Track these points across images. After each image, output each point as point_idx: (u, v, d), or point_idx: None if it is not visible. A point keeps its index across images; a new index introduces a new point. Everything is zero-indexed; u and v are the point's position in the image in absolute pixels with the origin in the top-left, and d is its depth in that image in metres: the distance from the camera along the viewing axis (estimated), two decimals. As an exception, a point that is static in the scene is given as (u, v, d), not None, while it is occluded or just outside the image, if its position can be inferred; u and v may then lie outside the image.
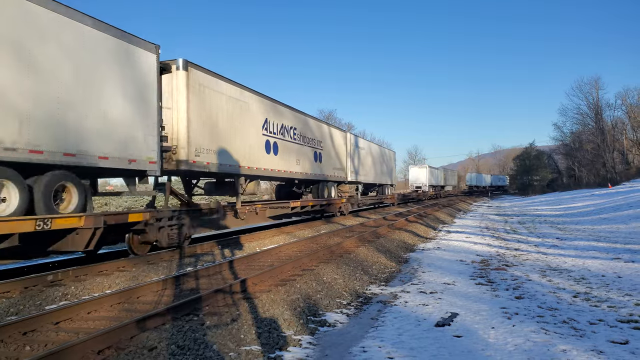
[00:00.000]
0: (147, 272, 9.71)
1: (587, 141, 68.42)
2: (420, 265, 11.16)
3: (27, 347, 5.25)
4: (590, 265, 10.59)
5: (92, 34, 9.23)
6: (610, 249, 12.93)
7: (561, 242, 15.11)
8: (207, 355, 4.93)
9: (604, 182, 53.58)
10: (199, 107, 12.48)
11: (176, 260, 11.11)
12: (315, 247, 12.54)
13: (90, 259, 11.19)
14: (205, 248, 12.72)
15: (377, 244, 13.36)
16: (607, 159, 61.88)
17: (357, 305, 7.69)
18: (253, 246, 13.75)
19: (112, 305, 6.97)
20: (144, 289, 7.75)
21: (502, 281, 9.08)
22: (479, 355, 5.12)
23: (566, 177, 78.44)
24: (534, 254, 12.81)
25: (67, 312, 6.33)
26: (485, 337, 5.72)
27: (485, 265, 10.98)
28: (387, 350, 5.35)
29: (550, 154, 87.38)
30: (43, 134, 8.15)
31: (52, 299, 7.63)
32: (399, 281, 9.49)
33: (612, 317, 6.48)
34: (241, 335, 5.59)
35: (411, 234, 17.17)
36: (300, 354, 5.34)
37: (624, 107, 67.93)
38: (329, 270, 9.35)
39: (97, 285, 8.54)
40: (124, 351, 4.87)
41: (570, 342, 5.43)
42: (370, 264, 10.92)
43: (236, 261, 10.28)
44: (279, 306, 6.77)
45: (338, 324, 6.61)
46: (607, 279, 9.07)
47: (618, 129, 68.63)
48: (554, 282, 8.99)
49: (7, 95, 7.57)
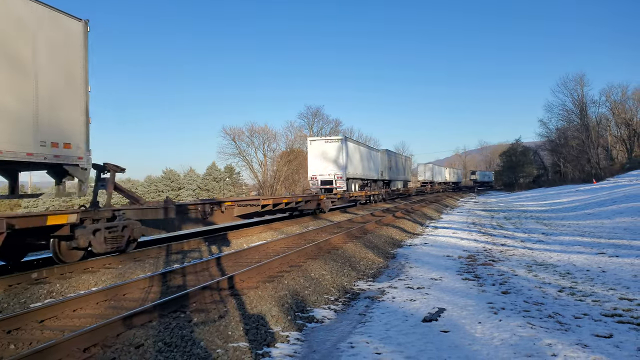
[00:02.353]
0: (134, 269, 9.62)
1: (572, 137, 69.16)
2: (408, 260, 11.22)
3: (11, 346, 5.19)
4: (575, 260, 10.73)
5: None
6: (594, 244, 13.11)
7: (547, 238, 15.28)
8: (194, 352, 4.90)
9: (589, 178, 54.21)
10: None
11: (163, 257, 11.03)
12: (303, 243, 12.54)
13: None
14: (192, 245, 12.65)
15: (365, 240, 13.39)
16: (591, 155, 62.61)
17: (345, 301, 7.71)
18: (240, 242, 13.70)
19: (98, 303, 6.90)
20: (131, 286, 7.68)
21: (489, 276, 9.16)
22: (466, 349, 5.16)
23: (552, 173, 79.31)
24: (520, 249, 12.94)
25: (52, 309, 6.25)
26: (472, 332, 5.77)
27: (472, 260, 11.06)
28: (374, 345, 5.37)
29: (536, 150, 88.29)
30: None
31: (37, 297, 7.54)
32: (387, 277, 9.53)
33: (597, 311, 6.57)
34: (229, 331, 5.57)
35: (398, 229, 17.24)
36: (288, 350, 5.34)
37: (608, 103, 68.92)
38: (316, 266, 9.35)
39: (83, 283, 8.45)
40: (111, 349, 4.82)
41: (555, 336, 5.50)
42: (358, 259, 10.95)
43: (224, 258, 10.23)
44: (266, 302, 6.75)
45: (326, 319, 6.62)
46: (591, 274, 9.20)
47: (602, 126, 69.50)
48: (540, 277, 9.09)
49: None
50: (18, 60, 8.24)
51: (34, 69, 8.49)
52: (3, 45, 7.97)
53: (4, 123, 7.93)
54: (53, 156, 8.84)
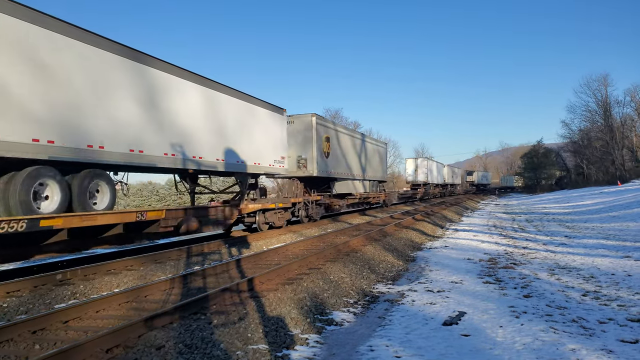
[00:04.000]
0: (155, 271, 9.75)
1: (595, 138, 67.93)
2: (428, 263, 11.13)
3: (36, 346, 5.29)
4: (599, 264, 10.51)
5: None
6: (619, 247, 12.83)
7: (570, 240, 15.01)
8: (214, 354, 4.94)
9: (613, 180, 53.19)
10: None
11: (183, 259, 11.15)
12: (322, 246, 12.54)
13: (101, 258, 11.49)
14: (212, 247, 12.76)
15: (384, 242, 13.33)
16: (616, 156, 61.39)
17: (364, 304, 7.68)
18: (260, 245, 13.77)
19: (120, 304, 7.01)
20: (152, 287, 7.78)
21: (510, 280, 9.03)
22: (487, 354, 5.09)
23: (574, 174, 77.92)
24: (542, 252, 12.73)
25: (76, 310, 6.37)
26: (494, 336, 5.69)
27: (493, 263, 10.92)
28: (394, 349, 5.34)
29: (558, 152, 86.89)
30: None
31: (61, 298, 7.69)
32: (406, 280, 9.47)
33: (622, 316, 6.43)
34: (248, 334, 5.60)
35: (418, 232, 17.12)
36: (308, 353, 5.34)
37: (633, 103, 67.38)
38: (335, 269, 9.34)
39: (106, 284, 8.59)
40: (132, 350, 4.89)
41: (579, 341, 5.39)
42: (377, 262, 10.90)
43: (243, 260, 10.30)
44: (286, 305, 6.77)
45: (345, 322, 6.61)
46: (616, 278, 9.00)
47: (627, 126, 68.01)
48: (563, 280, 8.93)
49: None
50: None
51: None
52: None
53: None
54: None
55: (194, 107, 12.59)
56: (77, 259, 11.52)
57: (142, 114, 10.69)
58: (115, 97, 9.97)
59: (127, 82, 10.30)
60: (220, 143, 13.73)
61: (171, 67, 11.81)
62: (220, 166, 13.65)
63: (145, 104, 10.83)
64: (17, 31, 7.94)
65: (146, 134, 10.72)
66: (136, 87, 10.60)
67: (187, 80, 12.37)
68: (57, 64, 8.66)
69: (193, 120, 12.53)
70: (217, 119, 13.70)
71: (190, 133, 12.39)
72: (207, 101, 13.22)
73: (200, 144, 12.74)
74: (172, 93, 11.75)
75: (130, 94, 10.39)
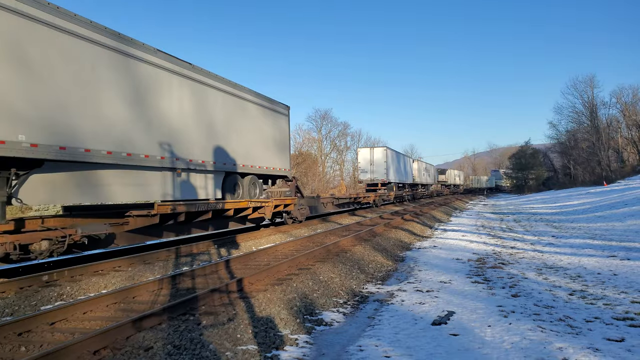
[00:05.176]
0: (143, 272, 9.68)
1: (582, 139, 68.70)
2: (417, 263, 11.17)
3: (22, 348, 5.23)
4: (586, 263, 10.63)
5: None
6: (606, 247, 12.98)
7: (557, 240, 15.16)
8: (203, 355, 4.91)
9: (600, 180, 53.80)
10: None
11: (172, 259, 11.07)
12: (312, 246, 12.53)
13: (88, 259, 11.29)
14: (201, 247, 12.69)
15: (374, 243, 13.36)
16: (602, 157, 62.12)
17: (354, 304, 7.69)
18: (249, 245, 13.73)
19: (108, 305, 6.94)
20: (140, 288, 7.72)
21: (499, 279, 9.10)
22: (476, 353, 5.12)
23: (562, 175, 78.73)
24: (530, 252, 12.84)
25: (62, 312, 6.29)
26: (482, 335, 5.73)
27: (482, 263, 11.00)
28: (384, 349, 5.35)
29: (545, 153, 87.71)
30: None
31: (47, 300, 7.60)
32: (396, 280, 9.50)
33: (608, 314, 6.50)
34: (238, 334, 5.58)
35: (408, 232, 17.18)
36: (297, 353, 5.34)
37: (619, 105, 68.38)
38: (325, 269, 9.35)
39: (93, 285, 8.51)
40: (120, 351, 4.85)
41: (566, 339, 5.45)
42: (367, 262, 10.92)
43: (232, 260, 10.25)
44: (275, 305, 6.75)
45: (335, 322, 6.61)
46: (603, 277, 9.10)
47: (613, 127, 68.95)
48: (550, 280, 9.02)
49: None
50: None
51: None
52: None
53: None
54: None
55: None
56: (64, 260, 11.38)
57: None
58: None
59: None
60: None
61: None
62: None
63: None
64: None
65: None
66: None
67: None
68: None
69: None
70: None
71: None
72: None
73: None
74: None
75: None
